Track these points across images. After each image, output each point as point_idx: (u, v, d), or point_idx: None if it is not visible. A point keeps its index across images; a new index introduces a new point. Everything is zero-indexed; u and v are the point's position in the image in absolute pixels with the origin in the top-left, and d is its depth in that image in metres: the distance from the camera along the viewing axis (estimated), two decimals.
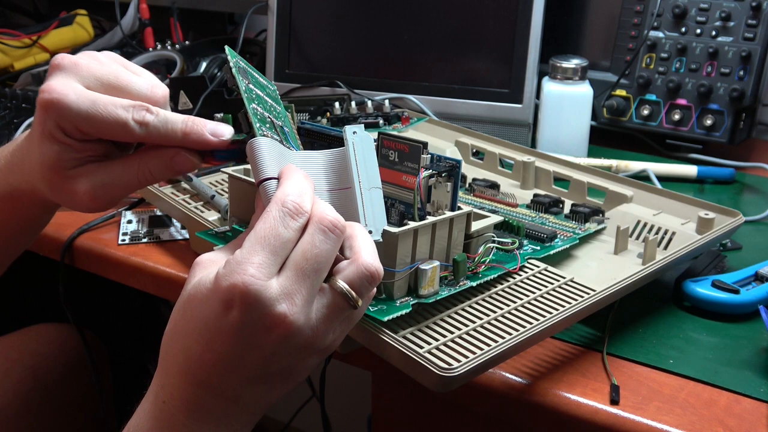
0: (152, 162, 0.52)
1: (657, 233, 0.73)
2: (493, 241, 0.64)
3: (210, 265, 0.46)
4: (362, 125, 0.54)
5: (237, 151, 0.94)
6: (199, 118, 0.50)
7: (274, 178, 0.47)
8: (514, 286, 0.61)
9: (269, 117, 0.53)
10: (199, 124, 0.50)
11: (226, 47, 0.54)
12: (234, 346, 0.44)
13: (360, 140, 0.53)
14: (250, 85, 0.54)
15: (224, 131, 0.51)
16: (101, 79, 0.51)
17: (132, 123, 0.49)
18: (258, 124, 0.50)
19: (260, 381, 0.46)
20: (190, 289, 0.45)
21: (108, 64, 0.52)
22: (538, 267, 0.64)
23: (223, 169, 0.69)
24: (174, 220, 0.81)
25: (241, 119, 0.52)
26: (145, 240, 0.79)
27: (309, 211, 0.45)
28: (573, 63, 0.98)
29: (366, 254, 0.46)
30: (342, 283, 0.45)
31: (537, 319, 0.56)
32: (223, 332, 0.43)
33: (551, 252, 0.67)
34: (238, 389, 0.46)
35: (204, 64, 1.15)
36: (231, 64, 0.52)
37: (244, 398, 0.46)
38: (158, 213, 0.84)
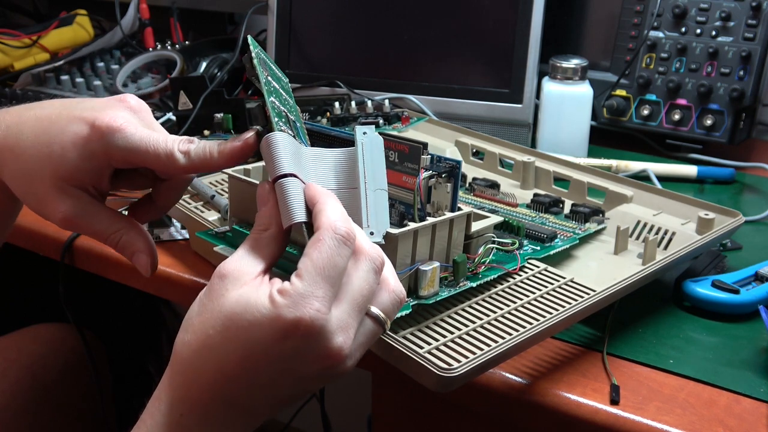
0: (126, 237, 0.55)
1: (657, 233, 0.73)
2: (493, 242, 0.64)
3: (242, 278, 0.46)
4: (373, 126, 0.54)
5: None
6: (229, 139, 0.53)
7: (291, 175, 0.48)
8: (514, 287, 0.61)
9: (284, 111, 0.53)
10: (229, 143, 0.53)
11: (249, 37, 0.54)
12: (278, 372, 0.45)
13: (369, 141, 0.53)
14: (269, 78, 0.53)
15: (245, 135, 0.52)
16: (152, 126, 0.55)
17: (177, 153, 0.52)
18: (275, 119, 0.50)
19: (287, 400, 0.48)
20: (233, 308, 0.45)
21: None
22: (538, 267, 0.64)
23: (223, 169, 0.69)
24: (174, 220, 0.81)
25: (258, 113, 0.52)
26: None
27: (356, 236, 0.46)
28: (573, 63, 0.98)
29: (393, 280, 0.49)
30: (379, 312, 0.48)
31: (537, 320, 0.56)
32: (272, 359, 0.44)
33: (551, 252, 0.67)
34: (264, 408, 0.47)
35: (204, 64, 1.15)
36: (252, 55, 0.52)
37: (260, 411, 0.48)
38: None
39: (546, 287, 0.61)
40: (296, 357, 0.44)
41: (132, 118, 0.53)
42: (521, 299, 0.60)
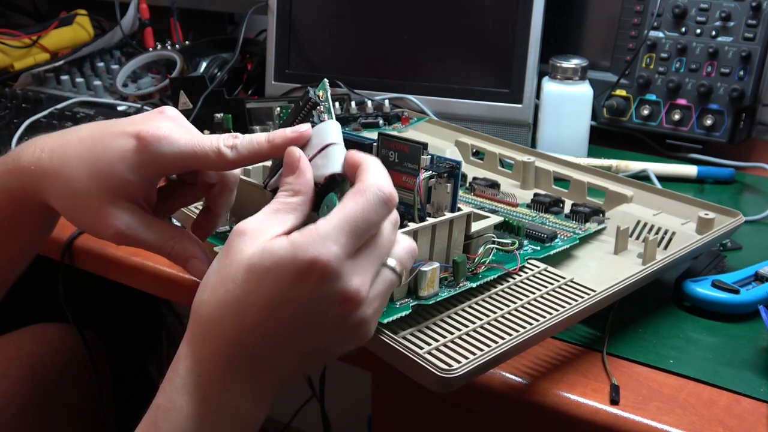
0: (179, 245, 0.56)
1: (657, 233, 0.73)
2: (493, 242, 0.64)
3: (261, 236, 0.46)
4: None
5: None
6: (278, 130, 0.54)
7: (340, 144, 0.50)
8: (514, 287, 0.61)
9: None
10: (279, 131, 0.53)
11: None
12: (298, 318, 0.45)
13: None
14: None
15: (302, 127, 0.53)
16: (192, 131, 0.56)
17: (224, 148, 0.53)
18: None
19: (308, 355, 0.48)
20: (251, 259, 0.45)
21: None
22: (538, 267, 0.64)
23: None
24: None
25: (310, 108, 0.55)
26: None
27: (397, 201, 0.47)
28: (573, 63, 0.98)
29: (403, 235, 0.51)
30: (396, 263, 0.48)
31: (537, 320, 0.56)
32: (291, 303, 0.44)
33: (551, 252, 0.67)
34: (285, 361, 0.47)
35: (204, 64, 1.15)
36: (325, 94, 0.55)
37: (287, 370, 0.47)
38: None
39: (546, 287, 0.61)
40: (314, 300, 0.44)
41: (174, 126, 0.54)
42: (521, 299, 0.60)
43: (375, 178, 0.47)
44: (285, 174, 0.50)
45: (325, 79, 0.56)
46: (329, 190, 0.50)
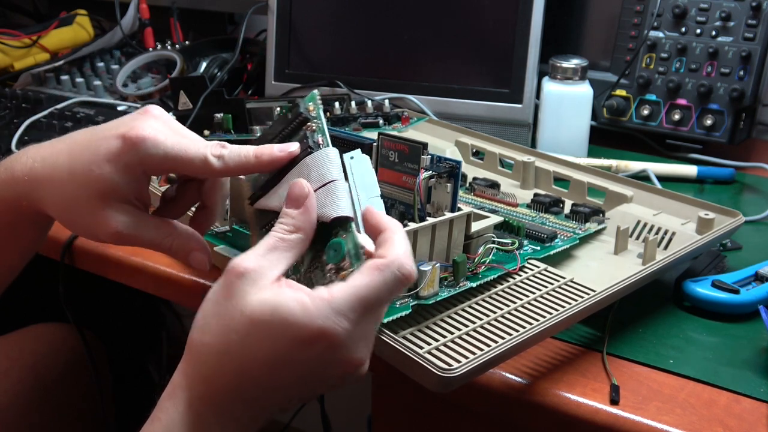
0: (178, 240, 0.57)
1: (657, 233, 0.73)
2: (493, 242, 0.64)
3: (261, 279, 0.46)
4: (359, 150, 0.55)
5: None
6: (265, 145, 0.54)
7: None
8: (514, 287, 0.61)
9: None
10: (266, 147, 0.54)
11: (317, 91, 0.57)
12: (299, 374, 0.46)
13: (357, 162, 0.54)
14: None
15: (290, 146, 0.54)
16: (181, 132, 0.56)
17: (211, 157, 0.53)
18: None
19: (304, 400, 0.49)
20: (258, 313, 0.45)
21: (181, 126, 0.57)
22: (538, 267, 0.64)
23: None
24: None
25: (304, 131, 0.55)
26: None
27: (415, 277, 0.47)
28: (573, 63, 0.98)
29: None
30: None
31: (537, 320, 0.56)
32: (295, 363, 0.45)
33: (551, 252, 0.67)
34: (280, 405, 0.48)
35: (204, 64, 1.15)
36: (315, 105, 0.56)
37: (278, 409, 0.49)
38: None
39: (546, 287, 0.61)
40: (319, 363, 0.45)
41: (160, 127, 0.54)
42: (521, 299, 0.60)
43: (397, 253, 0.46)
44: (288, 204, 0.49)
45: (315, 91, 0.56)
46: (331, 228, 0.50)
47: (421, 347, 0.53)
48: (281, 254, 0.47)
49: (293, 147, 0.53)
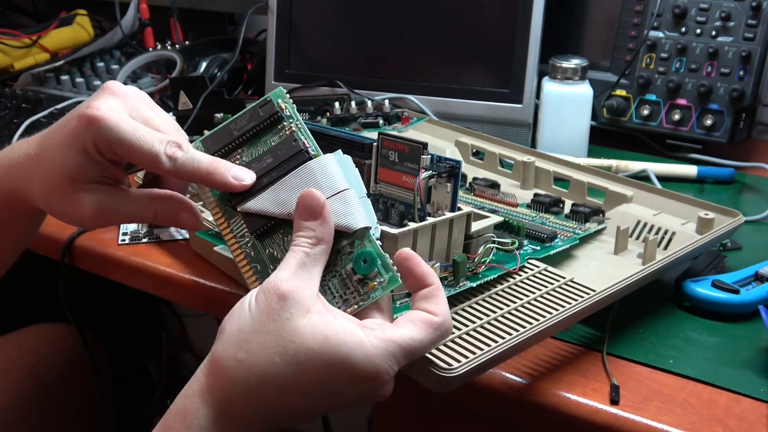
0: (161, 206, 0.55)
1: (657, 233, 0.73)
2: (493, 242, 0.64)
3: (303, 301, 0.46)
4: (339, 150, 0.54)
5: None
6: (224, 161, 0.52)
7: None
8: (514, 287, 0.61)
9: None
10: (223, 166, 0.52)
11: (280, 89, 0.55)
12: (339, 402, 0.47)
13: (340, 161, 0.54)
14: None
15: (245, 176, 0.52)
16: (143, 115, 0.53)
17: (163, 156, 0.51)
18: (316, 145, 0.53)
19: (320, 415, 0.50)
20: (309, 342, 0.45)
21: (149, 104, 0.55)
22: (538, 267, 0.64)
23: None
24: None
25: (291, 143, 0.53)
26: (145, 240, 0.79)
27: None
28: (573, 63, 0.98)
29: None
30: None
31: (537, 319, 0.56)
32: (337, 395, 0.46)
33: (551, 252, 0.67)
34: (302, 420, 0.48)
35: (204, 64, 1.15)
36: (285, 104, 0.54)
37: (298, 423, 0.49)
38: None
39: (546, 287, 0.61)
40: (359, 396, 0.47)
41: (118, 106, 0.52)
42: (521, 299, 0.60)
43: (447, 311, 0.48)
44: (303, 215, 0.49)
45: (281, 87, 0.55)
46: (344, 236, 0.50)
47: None
48: (311, 270, 0.47)
49: (249, 179, 0.52)
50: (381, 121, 0.94)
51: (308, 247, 0.48)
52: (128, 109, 0.53)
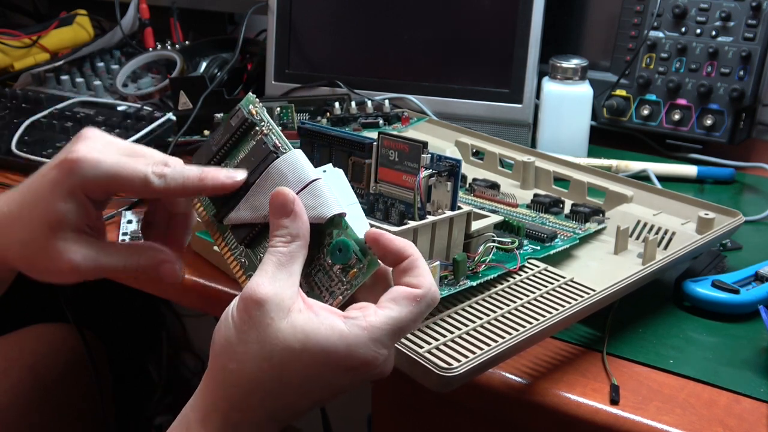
0: (144, 256, 0.54)
1: (657, 233, 0.73)
2: (493, 241, 0.64)
3: (283, 303, 0.46)
4: (330, 165, 0.54)
5: None
6: (213, 167, 0.52)
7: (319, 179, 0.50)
8: (514, 286, 0.61)
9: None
10: (213, 170, 0.52)
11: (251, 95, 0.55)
12: (331, 392, 0.47)
13: (330, 175, 0.54)
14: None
15: (237, 174, 0.52)
16: (122, 147, 0.53)
17: (152, 176, 0.51)
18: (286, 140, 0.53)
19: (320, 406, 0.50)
20: (291, 341, 0.45)
21: (126, 142, 0.55)
22: (538, 267, 0.64)
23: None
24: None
25: (260, 146, 0.53)
26: None
27: None
28: (573, 63, 0.98)
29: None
30: None
31: (537, 319, 0.56)
32: (331, 385, 0.47)
33: (551, 252, 0.67)
34: (301, 413, 0.49)
35: (204, 64, 1.15)
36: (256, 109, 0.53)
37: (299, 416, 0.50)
38: None
39: (546, 287, 0.61)
40: (353, 383, 0.47)
41: (98, 146, 0.52)
42: (521, 299, 0.60)
43: (429, 282, 0.48)
44: (276, 214, 0.49)
45: (251, 93, 0.55)
46: (324, 228, 0.49)
47: (421, 346, 0.53)
48: (289, 268, 0.47)
49: (241, 176, 0.51)
50: (381, 121, 0.93)
51: (283, 246, 0.48)
52: (107, 147, 0.53)
